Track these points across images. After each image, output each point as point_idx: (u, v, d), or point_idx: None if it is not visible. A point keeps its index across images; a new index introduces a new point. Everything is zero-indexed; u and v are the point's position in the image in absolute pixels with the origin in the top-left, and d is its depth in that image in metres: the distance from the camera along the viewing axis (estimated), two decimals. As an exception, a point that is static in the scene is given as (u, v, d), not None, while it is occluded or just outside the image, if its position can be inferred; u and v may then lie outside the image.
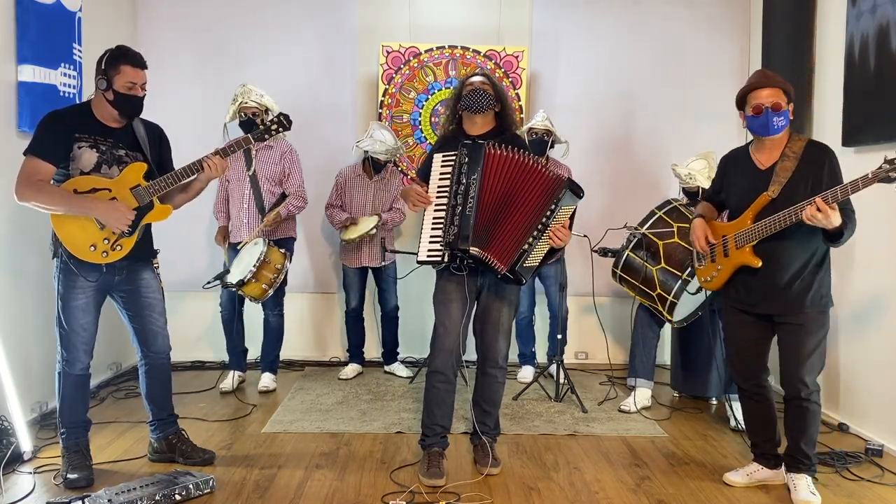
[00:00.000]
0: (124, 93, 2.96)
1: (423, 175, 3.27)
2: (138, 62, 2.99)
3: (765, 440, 3.14)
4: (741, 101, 2.97)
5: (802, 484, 2.95)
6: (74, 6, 4.11)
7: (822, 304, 2.92)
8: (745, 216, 2.96)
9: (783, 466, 3.08)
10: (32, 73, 3.73)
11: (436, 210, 3.08)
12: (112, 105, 2.98)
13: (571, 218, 3.10)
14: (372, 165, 4.76)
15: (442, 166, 3.12)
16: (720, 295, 3.19)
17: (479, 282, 3.19)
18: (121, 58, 2.95)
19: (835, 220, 2.66)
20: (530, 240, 3.00)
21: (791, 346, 2.92)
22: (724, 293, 3.14)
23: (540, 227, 3.00)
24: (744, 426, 3.82)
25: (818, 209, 2.64)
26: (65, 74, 4.00)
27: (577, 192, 3.02)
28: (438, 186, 3.11)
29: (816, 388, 2.93)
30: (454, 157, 3.08)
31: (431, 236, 3.06)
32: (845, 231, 2.74)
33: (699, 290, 3.79)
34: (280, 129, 3.22)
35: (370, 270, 4.88)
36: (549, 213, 2.99)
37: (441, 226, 3.03)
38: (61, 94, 3.97)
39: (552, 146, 4.65)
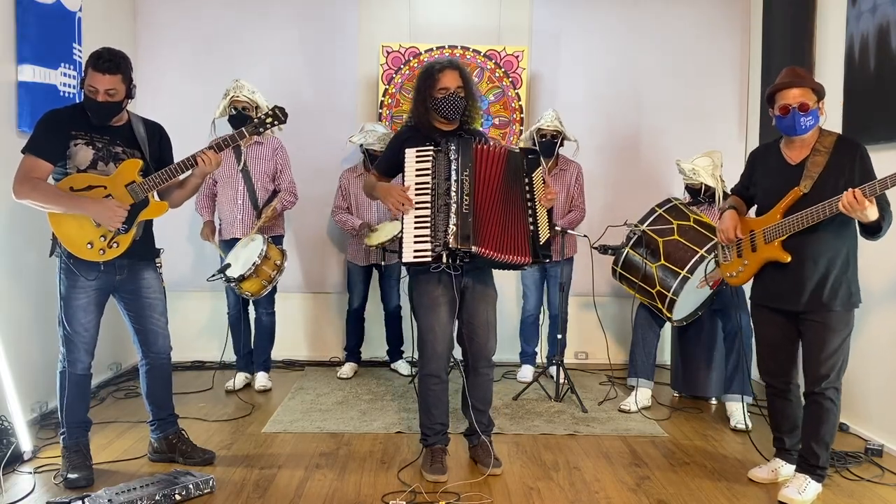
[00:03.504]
0: (88, 96, 2.94)
1: (385, 169, 3.22)
2: (102, 67, 2.89)
3: (788, 436, 3.13)
4: (770, 99, 2.96)
5: (798, 482, 2.95)
6: (74, 6, 4.10)
7: (851, 302, 2.90)
8: (774, 211, 2.93)
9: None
10: (32, 73, 3.73)
11: (418, 208, 2.99)
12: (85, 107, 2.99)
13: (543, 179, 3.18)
14: (371, 162, 4.75)
15: (418, 162, 3.04)
16: (752, 292, 3.16)
17: (464, 281, 3.12)
18: (90, 61, 2.93)
19: (871, 213, 2.66)
20: (530, 220, 3.05)
21: (815, 343, 2.90)
22: (753, 290, 3.13)
23: (530, 204, 3.07)
24: (757, 422, 3.82)
25: (855, 198, 2.62)
26: (65, 74, 3.99)
27: (533, 153, 3.16)
28: (417, 184, 3.02)
29: (834, 385, 2.91)
30: (431, 153, 3.02)
31: (416, 236, 2.96)
32: (883, 224, 2.73)
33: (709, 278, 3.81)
34: (275, 122, 3.18)
35: (374, 269, 4.87)
36: (527, 187, 3.08)
37: (427, 225, 2.96)
38: (61, 94, 3.97)
39: (561, 144, 4.65)
